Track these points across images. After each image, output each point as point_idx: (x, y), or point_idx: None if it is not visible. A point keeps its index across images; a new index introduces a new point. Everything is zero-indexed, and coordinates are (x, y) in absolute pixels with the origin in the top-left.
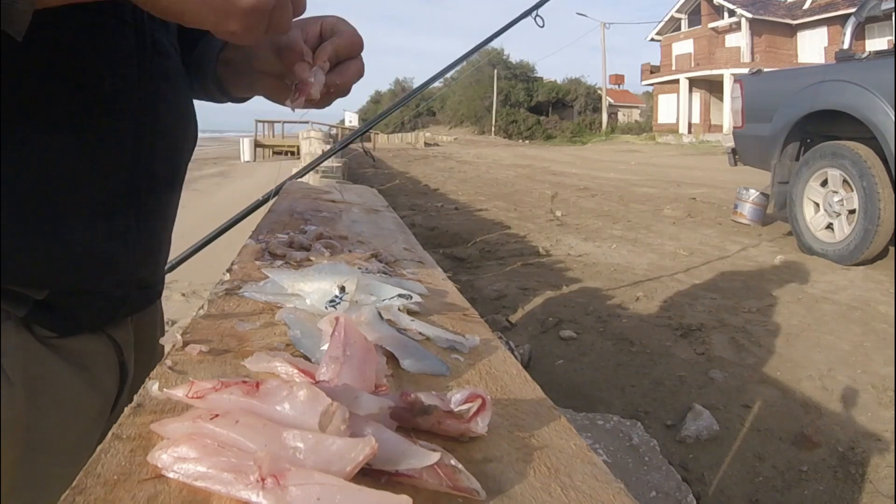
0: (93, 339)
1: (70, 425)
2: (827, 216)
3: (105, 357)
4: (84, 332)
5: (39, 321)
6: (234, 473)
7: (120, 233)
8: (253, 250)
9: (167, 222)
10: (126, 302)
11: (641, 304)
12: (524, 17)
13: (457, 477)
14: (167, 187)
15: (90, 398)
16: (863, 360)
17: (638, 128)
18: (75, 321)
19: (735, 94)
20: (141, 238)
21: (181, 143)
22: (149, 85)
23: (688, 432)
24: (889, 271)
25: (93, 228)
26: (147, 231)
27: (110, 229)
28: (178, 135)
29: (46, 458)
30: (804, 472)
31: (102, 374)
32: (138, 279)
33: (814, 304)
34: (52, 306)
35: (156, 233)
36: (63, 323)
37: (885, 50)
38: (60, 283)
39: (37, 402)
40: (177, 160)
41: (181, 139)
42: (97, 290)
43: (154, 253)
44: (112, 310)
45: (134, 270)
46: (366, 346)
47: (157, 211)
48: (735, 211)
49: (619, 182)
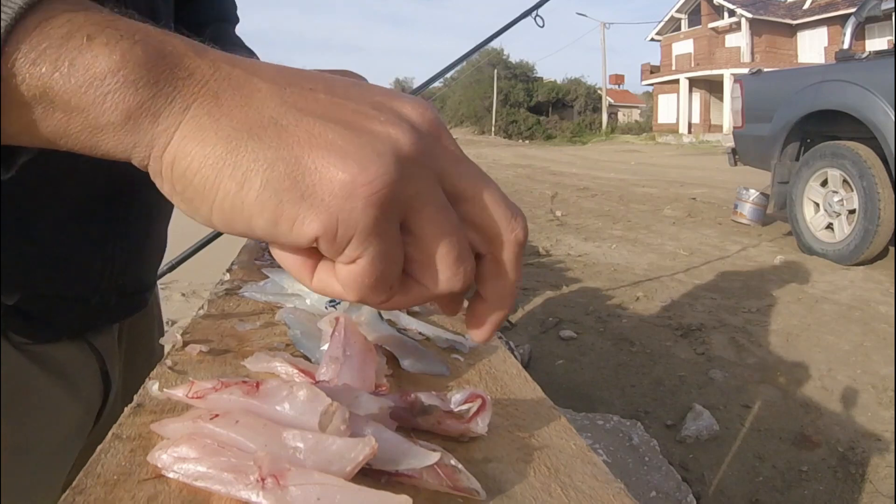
0: (72, 347)
1: (47, 434)
2: (827, 216)
3: (86, 366)
4: (62, 340)
5: (14, 327)
6: (234, 473)
7: (96, 238)
8: (253, 250)
9: (155, 227)
10: (105, 309)
11: (641, 304)
12: (524, 17)
13: (457, 477)
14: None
15: (69, 407)
16: (863, 360)
17: (638, 128)
18: (52, 328)
19: (735, 94)
20: (121, 243)
21: None
22: None
23: (688, 432)
24: (889, 271)
25: (65, 233)
26: (129, 236)
27: (84, 234)
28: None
29: (22, 467)
30: (804, 472)
31: (83, 383)
32: (119, 286)
33: (814, 304)
34: (26, 312)
35: (140, 237)
36: (39, 329)
37: (885, 50)
38: (32, 288)
39: (12, 410)
40: None
41: None
42: (72, 295)
43: (139, 259)
44: (90, 317)
45: (112, 277)
46: (366, 346)
47: (142, 216)
48: (735, 211)
49: (619, 182)
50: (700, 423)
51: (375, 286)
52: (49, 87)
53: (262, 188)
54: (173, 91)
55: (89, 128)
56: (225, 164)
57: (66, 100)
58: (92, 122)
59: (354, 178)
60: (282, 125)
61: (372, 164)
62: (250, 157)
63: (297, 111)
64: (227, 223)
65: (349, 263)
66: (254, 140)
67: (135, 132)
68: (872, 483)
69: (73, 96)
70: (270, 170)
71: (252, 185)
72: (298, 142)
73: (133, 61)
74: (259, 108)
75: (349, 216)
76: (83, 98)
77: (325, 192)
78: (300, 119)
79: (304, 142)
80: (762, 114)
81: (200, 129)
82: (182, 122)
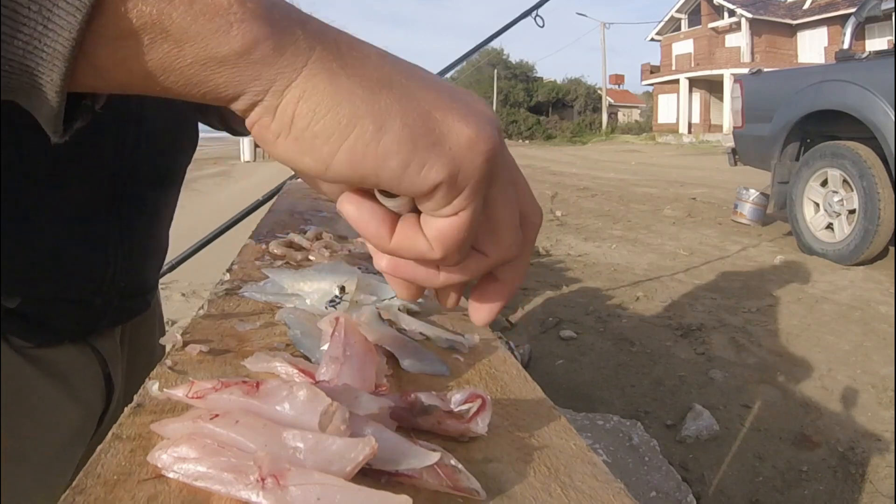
0: (74, 350)
1: (48, 438)
2: (827, 216)
3: (87, 369)
4: (64, 343)
5: (14, 330)
6: (234, 473)
7: (98, 239)
8: (253, 250)
9: (157, 228)
10: (108, 311)
11: (641, 304)
12: (524, 17)
13: (457, 477)
14: (156, 191)
15: (70, 411)
16: (863, 360)
17: (638, 128)
18: (53, 331)
19: (735, 94)
20: (123, 245)
21: (173, 146)
22: None
23: (688, 432)
24: (889, 271)
25: (67, 234)
26: (131, 238)
27: (87, 235)
28: (169, 137)
29: (22, 471)
30: (804, 472)
31: (84, 387)
32: (121, 288)
33: (814, 304)
34: (27, 315)
35: (142, 239)
36: (39, 332)
37: (885, 50)
38: (32, 291)
39: (12, 414)
40: (167, 163)
41: (174, 141)
42: (73, 298)
43: (140, 260)
44: (92, 320)
45: (115, 279)
46: (366, 347)
47: (144, 216)
48: (735, 211)
49: (619, 182)
50: (700, 423)
51: (464, 242)
52: (165, 13)
53: (401, 130)
54: (296, 31)
55: (203, 59)
56: (364, 103)
57: (183, 28)
58: (209, 52)
59: (477, 134)
60: (403, 84)
61: (486, 126)
62: (387, 102)
63: (409, 76)
64: (353, 165)
65: (451, 216)
66: (386, 89)
67: (257, 65)
68: (872, 483)
69: (193, 23)
70: (407, 115)
71: (392, 126)
72: (424, 98)
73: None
74: (378, 67)
75: (469, 167)
76: (205, 26)
77: (452, 142)
78: (416, 83)
79: (428, 100)
80: (762, 114)
81: (330, 70)
82: (310, 60)
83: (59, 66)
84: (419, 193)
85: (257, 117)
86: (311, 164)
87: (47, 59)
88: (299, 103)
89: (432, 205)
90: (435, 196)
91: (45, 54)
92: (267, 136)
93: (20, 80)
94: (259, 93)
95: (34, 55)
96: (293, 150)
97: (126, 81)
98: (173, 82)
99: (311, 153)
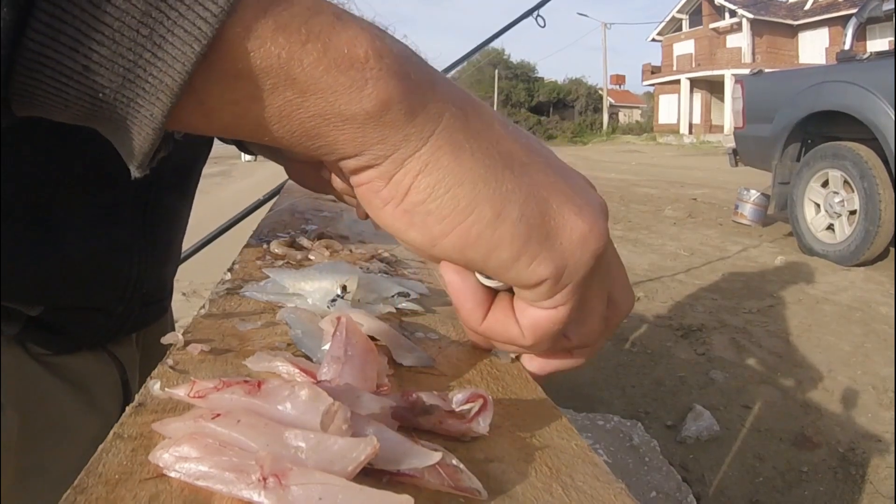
0: (93, 358)
1: (66, 448)
2: (828, 217)
3: (106, 376)
4: (83, 350)
5: (34, 339)
6: (235, 473)
7: (124, 244)
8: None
9: (177, 233)
10: (129, 318)
11: (642, 305)
12: (525, 17)
13: (458, 477)
14: (178, 195)
15: (89, 420)
16: (863, 361)
17: (639, 128)
18: (73, 339)
19: (736, 94)
20: (147, 250)
21: (193, 149)
22: None
23: (688, 433)
24: (889, 272)
25: (93, 239)
26: (154, 242)
27: (112, 242)
28: (189, 140)
29: (41, 482)
30: (804, 472)
31: (102, 395)
32: (143, 294)
33: (814, 304)
34: (48, 323)
35: (164, 244)
36: (60, 341)
37: (886, 51)
38: (56, 300)
39: (31, 424)
40: (188, 165)
41: (193, 145)
42: (96, 306)
43: (161, 266)
44: (114, 327)
45: (138, 285)
46: (367, 346)
47: (165, 221)
48: (736, 211)
49: (619, 182)
50: (700, 424)
51: (558, 334)
52: (296, 58)
53: (518, 221)
54: (427, 92)
55: (327, 114)
56: (485, 186)
57: (313, 77)
58: (336, 108)
59: (590, 230)
60: (524, 163)
61: (599, 220)
62: (508, 187)
63: (530, 152)
64: (462, 249)
65: (550, 309)
66: (508, 170)
67: (385, 128)
68: (873, 484)
69: (324, 74)
70: (526, 204)
71: (510, 216)
72: (542, 183)
73: (391, 51)
74: (501, 139)
75: (577, 263)
76: (337, 79)
77: (565, 237)
78: (536, 162)
79: (546, 185)
80: (763, 114)
81: (455, 143)
82: (437, 128)
83: (162, 101)
84: (523, 286)
85: (368, 179)
86: (418, 239)
87: (150, 90)
88: (419, 176)
89: (533, 296)
90: (538, 289)
91: (148, 85)
92: (374, 200)
93: (111, 110)
94: (379, 157)
95: (136, 85)
96: (401, 222)
97: (233, 124)
98: (287, 132)
99: (422, 229)
